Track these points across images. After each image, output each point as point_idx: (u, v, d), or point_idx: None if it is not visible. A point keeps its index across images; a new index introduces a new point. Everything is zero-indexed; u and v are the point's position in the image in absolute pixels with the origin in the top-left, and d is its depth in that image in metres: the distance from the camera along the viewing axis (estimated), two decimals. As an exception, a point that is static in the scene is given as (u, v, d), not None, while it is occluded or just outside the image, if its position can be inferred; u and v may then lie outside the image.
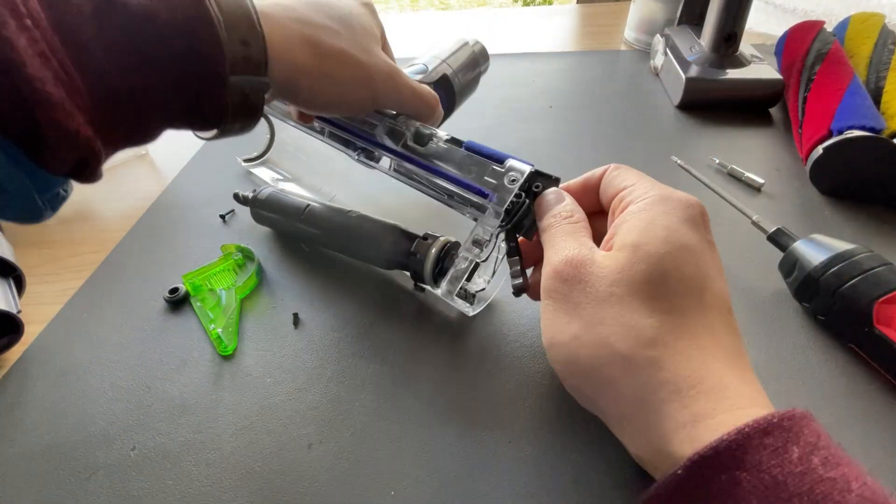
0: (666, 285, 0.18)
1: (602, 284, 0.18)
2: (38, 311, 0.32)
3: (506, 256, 0.25)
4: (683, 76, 0.47)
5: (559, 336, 0.19)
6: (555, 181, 0.24)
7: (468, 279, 0.25)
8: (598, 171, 0.24)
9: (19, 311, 0.30)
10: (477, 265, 0.25)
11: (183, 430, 0.25)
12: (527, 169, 0.24)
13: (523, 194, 0.24)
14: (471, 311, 0.28)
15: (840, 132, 0.35)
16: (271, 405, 0.25)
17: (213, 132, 0.22)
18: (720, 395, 0.16)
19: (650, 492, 0.16)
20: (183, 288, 0.32)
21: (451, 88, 0.38)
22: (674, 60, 0.50)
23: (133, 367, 0.28)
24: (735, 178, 0.38)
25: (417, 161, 0.28)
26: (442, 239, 0.28)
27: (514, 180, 0.24)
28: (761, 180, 0.37)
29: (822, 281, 0.25)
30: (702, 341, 0.17)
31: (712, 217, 0.21)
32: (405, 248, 0.28)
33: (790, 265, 0.28)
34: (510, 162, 0.25)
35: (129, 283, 0.34)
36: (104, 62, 0.17)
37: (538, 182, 0.24)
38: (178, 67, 0.19)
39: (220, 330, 0.29)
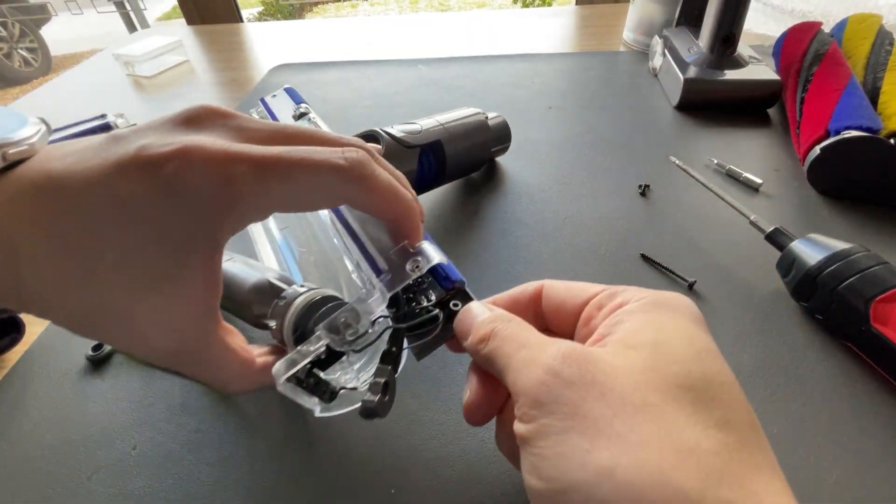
0: (710, 392, 0.14)
1: (626, 388, 0.14)
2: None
3: (379, 360, 0.19)
4: (682, 77, 0.47)
5: (578, 473, 0.13)
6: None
7: (321, 367, 0.19)
8: (529, 286, 0.20)
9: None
10: (336, 355, 0.19)
11: (184, 429, 0.25)
12: (436, 260, 0.19)
13: (435, 302, 0.19)
14: (318, 410, 0.19)
15: (837, 132, 0.35)
16: (272, 405, 0.26)
17: None
18: None
19: None
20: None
21: (441, 153, 0.35)
22: (672, 61, 0.50)
23: (134, 367, 0.28)
24: (733, 178, 0.39)
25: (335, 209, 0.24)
26: (311, 293, 0.22)
27: (417, 267, 0.19)
28: (759, 180, 0.37)
29: (819, 280, 0.26)
30: (762, 466, 0.13)
31: (711, 217, 0.21)
32: (269, 308, 0.22)
33: (788, 264, 0.28)
34: (424, 245, 0.20)
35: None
36: None
37: (457, 301, 0.19)
38: None
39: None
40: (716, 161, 0.40)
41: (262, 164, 0.16)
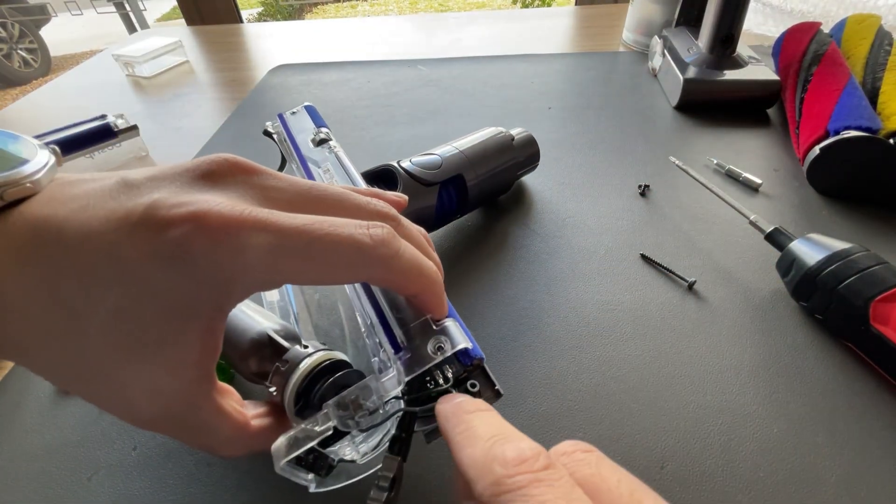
0: None
1: None
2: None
3: (387, 449, 0.17)
4: (681, 77, 0.47)
5: None
6: (495, 393, 0.18)
7: (322, 445, 0.17)
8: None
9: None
10: (341, 434, 0.17)
11: (184, 429, 0.25)
12: (461, 345, 0.17)
13: (452, 380, 0.17)
14: (314, 486, 0.18)
15: (837, 132, 0.35)
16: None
17: None
18: None
19: None
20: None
21: (462, 186, 0.33)
22: (672, 62, 0.50)
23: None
24: (733, 178, 0.39)
25: None
26: (315, 357, 0.20)
27: (440, 348, 0.17)
28: (759, 180, 0.37)
29: (819, 280, 0.26)
30: None
31: (710, 217, 0.21)
32: (270, 365, 0.21)
33: (788, 264, 0.28)
34: (447, 324, 0.18)
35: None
36: None
37: (475, 381, 0.17)
38: None
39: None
40: (715, 161, 0.40)
41: (280, 237, 0.15)
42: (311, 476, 0.18)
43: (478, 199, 0.35)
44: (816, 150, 0.35)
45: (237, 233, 0.15)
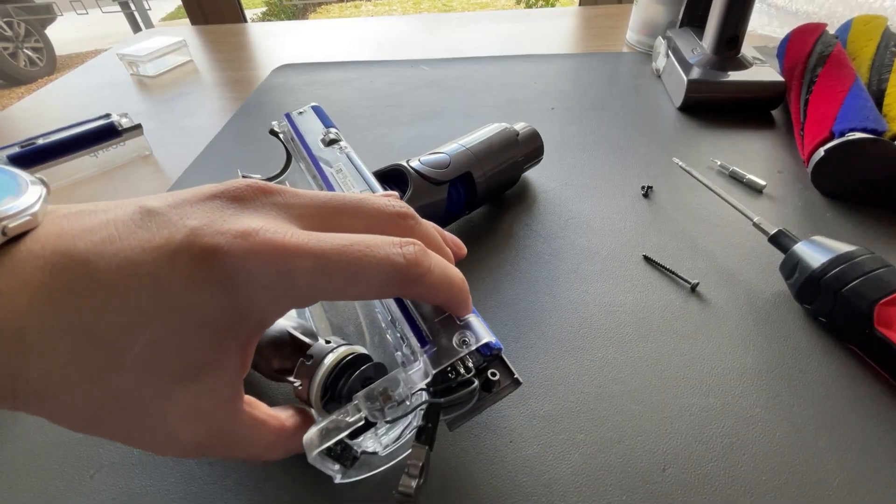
0: None
1: None
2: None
3: (414, 438, 0.18)
4: (685, 78, 0.47)
5: None
6: (514, 382, 0.19)
7: (351, 437, 0.18)
8: None
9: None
10: (369, 425, 0.18)
11: (185, 428, 0.25)
12: (485, 339, 0.18)
13: (473, 370, 0.18)
14: (339, 476, 0.19)
15: (842, 134, 0.35)
16: (274, 405, 0.26)
17: None
18: None
19: None
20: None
21: (471, 183, 0.33)
22: (675, 62, 0.50)
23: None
24: (736, 180, 0.39)
25: None
26: (340, 352, 0.21)
27: (465, 342, 0.18)
28: (763, 182, 0.37)
29: (823, 283, 0.26)
30: None
31: (714, 219, 0.21)
32: (291, 362, 0.21)
33: (791, 267, 0.28)
34: (470, 319, 0.19)
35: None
36: None
37: (495, 370, 0.19)
38: None
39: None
40: (719, 162, 0.40)
41: (324, 260, 0.15)
42: (337, 467, 0.18)
43: (486, 195, 0.35)
44: (821, 151, 0.35)
45: (284, 257, 0.15)
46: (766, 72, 0.47)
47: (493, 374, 0.19)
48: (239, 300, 0.15)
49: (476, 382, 0.18)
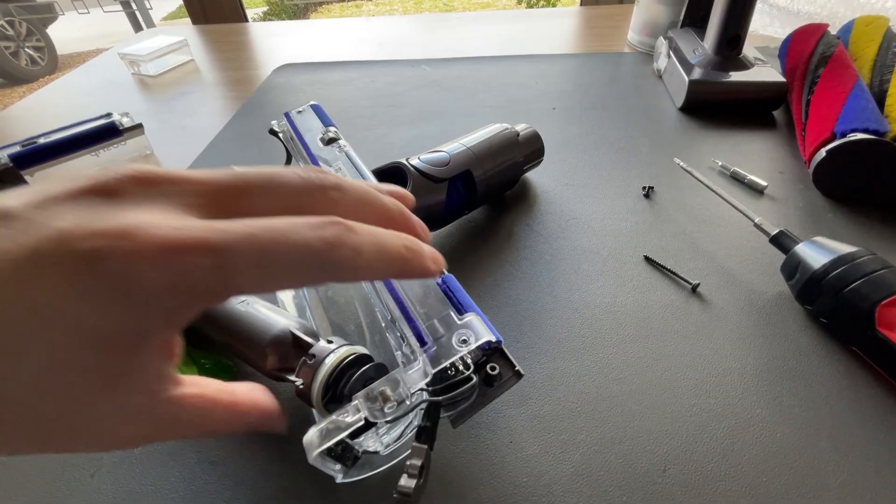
0: None
1: None
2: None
3: (414, 437, 0.18)
4: (686, 78, 0.47)
5: None
6: (516, 374, 0.19)
7: (352, 436, 0.18)
8: None
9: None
10: (369, 425, 0.18)
11: (186, 427, 0.25)
12: (485, 337, 0.18)
13: (472, 366, 0.18)
14: (340, 476, 0.19)
15: (843, 135, 0.35)
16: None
17: None
18: None
19: None
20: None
21: (471, 182, 0.34)
22: (677, 63, 0.50)
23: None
24: (738, 180, 0.38)
25: None
26: (341, 352, 0.21)
27: (464, 341, 0.18)
28: (764, 183, 0.37)
29: (824, 284, 0.25)
30: None
31: (715, 219, 0.21)
32: (292, 361, 0.21)
33: (793, 268, 0.28)
34: (470, 318, 0.19)
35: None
36: None
37: (494, 364, 0.19)
38: None
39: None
40: (720, 163, 0.40)
41: (227, 254, 0.13)
42: (338, 467, 0.18)
43: (485, 195, 0.35)
44: (823, 152, 0.35)
45: (176, 255, 0.13)
46: (768, 72, 0.47)
47: (493, 368, 0.19)
48: (132, 309, 0.13)
49: (475, 378, 0.18)
